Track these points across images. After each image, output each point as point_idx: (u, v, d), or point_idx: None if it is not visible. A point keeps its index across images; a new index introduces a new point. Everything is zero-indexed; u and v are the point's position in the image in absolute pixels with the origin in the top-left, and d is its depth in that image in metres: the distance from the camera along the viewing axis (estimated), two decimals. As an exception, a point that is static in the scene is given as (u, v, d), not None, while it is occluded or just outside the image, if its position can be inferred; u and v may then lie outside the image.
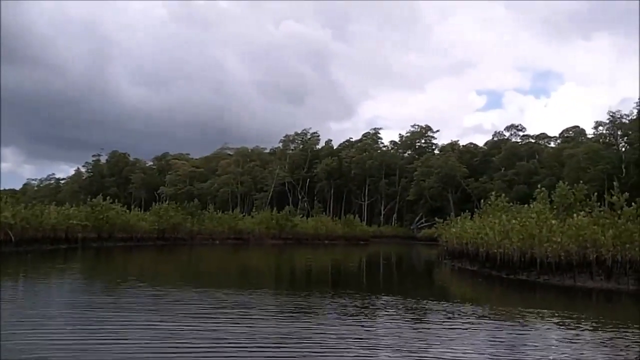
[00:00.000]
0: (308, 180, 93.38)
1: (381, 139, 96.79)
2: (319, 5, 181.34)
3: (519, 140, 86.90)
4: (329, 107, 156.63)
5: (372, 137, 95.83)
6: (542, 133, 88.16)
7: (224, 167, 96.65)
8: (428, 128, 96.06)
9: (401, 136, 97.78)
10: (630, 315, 13.93)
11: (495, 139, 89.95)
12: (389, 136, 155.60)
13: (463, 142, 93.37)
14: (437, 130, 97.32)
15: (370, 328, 10.78)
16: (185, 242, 47.19)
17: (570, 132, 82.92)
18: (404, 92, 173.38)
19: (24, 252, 28.74)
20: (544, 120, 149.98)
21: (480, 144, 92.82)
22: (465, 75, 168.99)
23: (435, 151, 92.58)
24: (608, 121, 71.42)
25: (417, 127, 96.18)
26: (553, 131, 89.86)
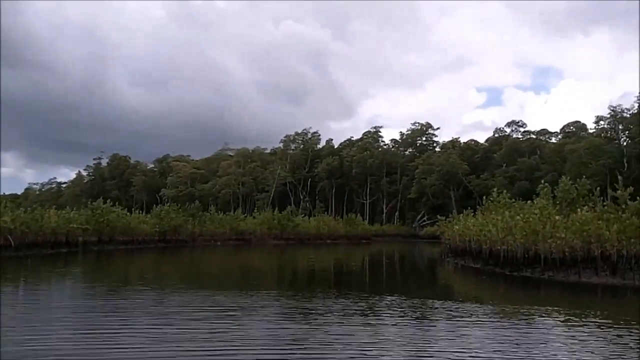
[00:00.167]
0: (309, 180, 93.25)
1: (382, 137, 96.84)
2: (319, 5, 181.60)
3: (520, 136, 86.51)
4: (329, 107, 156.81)
5: (373, 136, 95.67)
6: (543, 129, 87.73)
7: (225, 168, 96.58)
8: (429, 126, 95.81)
9: (402, 134, 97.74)
10: (637, 311, 13.75)
11: (496, 135, 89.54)
12: (389, 135, 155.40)
13: (464, 140, 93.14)
14: (438, 128, 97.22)
15: (375, 328, 10.61)
16: (187, 244, 47.07)
17: (572, 127, 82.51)
18: (404, 90, 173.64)
19: (24, 257, 28.63)
20: (545, 116, 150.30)
21: (481, 141, 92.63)
22: (465, 73, 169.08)
23: (436, 149, 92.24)
24: (609, 116, 71.21)
25: (417, 125, 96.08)
26: (554, 127, 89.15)
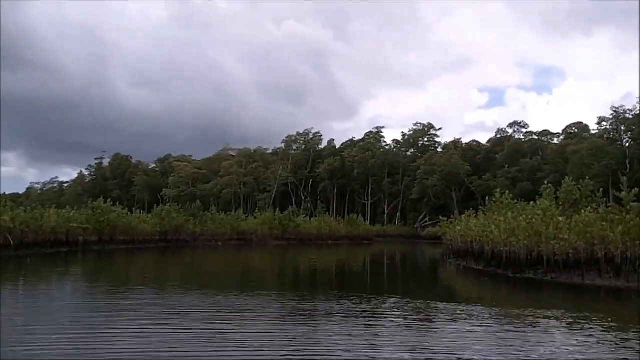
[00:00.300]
0: (311, 180, 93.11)
1: (383, 138, 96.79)
2: (319, 5, 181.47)
3: (522, 137, 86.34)
4: (329, 107, 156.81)
5: (375, 136, 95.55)
6: (545, 130, 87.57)
7: (227, 168, 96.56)
8: (430, 126, 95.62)
9: (404, 135, 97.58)
10: (642, 314, 13.58)
11: (498, 136, 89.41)
12: (391, 135, 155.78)
13: (465, 140, 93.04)
14: (440, 128, 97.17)
15: (377, 330, 10.49)
16: (188, 244, 46.99)
17: (574, 128, 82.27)
18: (405, 91, 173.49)
19: (23, 256, 28.50)
20: (547, 117, 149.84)
21: (483, 142, 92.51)
22: (467, 73, 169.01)
23: (438, 149, 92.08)
24: (611, 116, 70.88)
25: (419, 125, 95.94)
26: (556, 128, 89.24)
